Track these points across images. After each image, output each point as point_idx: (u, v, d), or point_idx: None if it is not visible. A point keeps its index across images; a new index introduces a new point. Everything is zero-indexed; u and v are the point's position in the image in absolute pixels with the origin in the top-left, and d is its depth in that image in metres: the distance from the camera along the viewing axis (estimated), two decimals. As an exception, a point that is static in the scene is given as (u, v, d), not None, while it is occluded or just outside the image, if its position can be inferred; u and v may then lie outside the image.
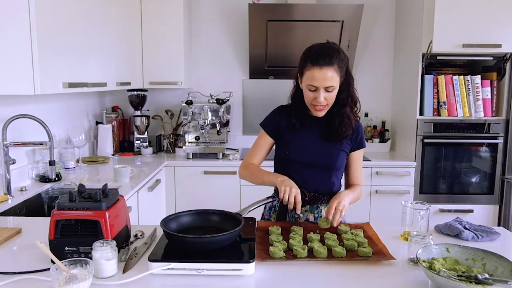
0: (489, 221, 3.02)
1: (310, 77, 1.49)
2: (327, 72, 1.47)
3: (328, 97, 1.52)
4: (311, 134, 1.64)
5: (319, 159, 1.62)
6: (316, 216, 1.66)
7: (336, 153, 1.63)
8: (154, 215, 2.73)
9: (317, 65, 1.47)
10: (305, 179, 1.63)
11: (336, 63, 1.48)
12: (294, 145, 1.64)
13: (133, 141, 3.30)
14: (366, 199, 3.03)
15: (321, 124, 1.64)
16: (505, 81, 2.93)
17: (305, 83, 1.52)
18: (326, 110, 1.57)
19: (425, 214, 1.38)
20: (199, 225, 1.38)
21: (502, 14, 2.74)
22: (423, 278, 1.16)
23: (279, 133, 1.68)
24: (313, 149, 1.63)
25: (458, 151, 3.00)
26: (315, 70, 1.47)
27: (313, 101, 1.53)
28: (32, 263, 1.23)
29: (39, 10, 1.73)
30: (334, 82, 1.49)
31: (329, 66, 1.47)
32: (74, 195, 1.24)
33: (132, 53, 2.99)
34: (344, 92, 1.57)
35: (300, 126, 1.63)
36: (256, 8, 3.10)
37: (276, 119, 1.68)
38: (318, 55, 1.49)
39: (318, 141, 1.63)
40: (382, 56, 3.51)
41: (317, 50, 1.51)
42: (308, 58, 1.50)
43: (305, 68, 1.51)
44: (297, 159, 1.63)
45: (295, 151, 1.63)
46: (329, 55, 1.48)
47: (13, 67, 1.72)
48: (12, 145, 2.02)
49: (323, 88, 1.49)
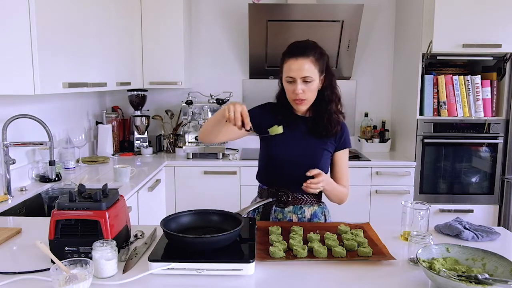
0: (489, 221, 3.02)
1: (287, 69, 1.54)
2: (303, 63, 1.51)
3: (306, 89, 1.54)
4: (296, 133, 1.64)
5: (303, 158, 1.62)
6: (300, 217, 1.65)
7: (320, 152, 1.64)
8: (154, 215, 2.73)
9: (293, 56, 1.53)
10: (289, 179, 1.63)
11: (312, 55, 1.53)
12: (279, 142, 1.64)
13: (133, 141, 3.30)
14: (366, 199, 3.03)
15: (306, 123, 1.65)
16: (505, 81, 2.93)
17: (284, 76, 1.57)
18: (307, 105, 1.59)
19: (425, 214, 1.38)
20: (199, 225, 1.38)
21: (502, 14, 2.74)
22: (423, 278, 1.16)
23: (260, 126, 1.63)
24: (297, 148, 1.63)
25: (458, 151, 3.00)
26: (291, 61, 1.53)
27: (292, 94, 1.55)
28: (32, 263, 1.23)
29: (39, 10, 1.73)
30: (311, 73, 1.52)
31: (305, 57, 1.52)
32: (74, 195, 1.24)
33: (132, 53, 2.99)
34: (327, 89, 1.61)
35: (286, 125, 1.62)
36: (256, 8, 3.10)
37: (260, 112, 1.68)
38: (294, 48, 1.56)
39: (302, 140, 1.64)
40: (382, 56, 3.51)
41: (293, 44, 1.58)
42: (285, 53, 1.57)
43: (283, 62, 1.57)
44: (281, 157, 1.63)
45: (279, 150, 1.64)
46: (305, 47, 1.54)
47: (13, 67, 1.72)
48: (12, 145, 2.02)
49: (300, 78, 1.52)
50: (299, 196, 1.65)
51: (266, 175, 1.71)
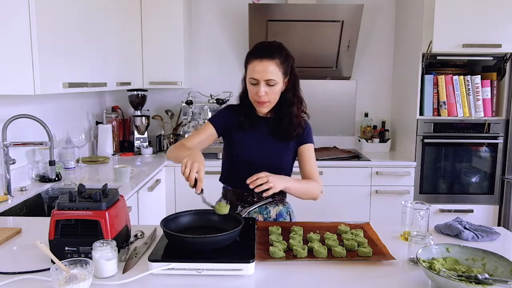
0: (489, 221, 3.02)
1: (252, 70, 1.52)
2: (267, 65, 1.49)
3: (270, 91, 1.53)
4: (259, 134, 1.64)
5: (266, 159, 1.61)
6: (265, 217, 1.65)
7: (283, 153, 1.63)
8: (154, 215, 2.73)
9: (257, 58, 1.51)
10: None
11: (277, 58, 1.51)
12: (242, 144, 1.64)
13: (133, 141, 3.30)
14: (366, 199, 3.03)
15: (269, 124, 1.64)
16: (505, 81, 2.92)
17: (248, 78, 1.55)
18: (269, 107, 1.59)
19: (425, 214, 1.38)
20: (199, 225, 1.38)
21: (502, 14, 2.74)
22: (423, 278, 1.16)
23: (226, 130, 1.67)
24: (260, 149, 1.62)
25: (458, 151, 3.00)
26: (256, 63, 1.51)
27: (255, 96, 1.54)
28: (32, 263, 1.23)
29: (39, 10, 1.73)
30: (275, 76, 1.51)
31: (270, 60, 1.50)
32: (74, 195, 1.24)
33: (132, 53, 2.99)
34: (290, 91, 1.60)
35: (248, 126, 1.63)
36: (256, 8, 3.10)
37: (224, 116, 1.69)
38: (259, 49, 1.54)
39: (265, 141, 1.63)
40: (382, 56, 3.51)
41: (259, 45, 1.57)
42: (250, 53, 1.56)
43: (248, 63, 1.55)
44: (244, 158, 1.62)
45: (242, 151, 1.63)
46: (270, 49, 1.52)
47: (13, 67, 1.72)
48: (12, 145, 2.02)
49: (263, 80, 1.50)
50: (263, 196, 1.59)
51: (230, 176, 1.69)
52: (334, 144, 3.51)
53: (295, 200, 1.65)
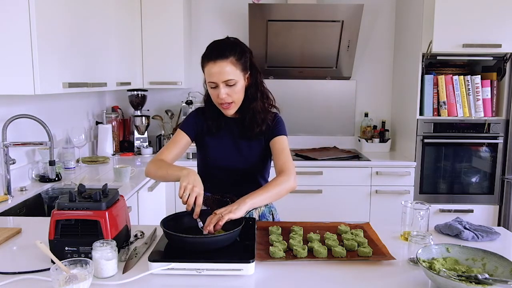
0: (489, 221, 3.02)
1: (208, 74, 1.45)
2: (222, 66, 1.42)
3: (231, 92, 1.46)
4: (229, 136, 1.59)
5: (240, 162, 1.57)
6: None
7: (256, 153, 1.58)
8: (154, 215, 2.73)
9: (211, 59, 1.44)
10: (229, 184, 1.58)
11: (231, 55, 1.44)
12: (213, 149, 1.59)
13: (133, 141, 3.30)
14: (366, 199, 3.03)
15: (237, 124, 1.58)
16: (505, 81, 2.92)
17: (207, 82, 1.49)
18: (234, 108, 1.52)
19: (425, 214, 1.38)
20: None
21: (502, 14, 2.74)
22: (423, 278, 1.16)
23: (197, 134, 1.61)
24: (232, 152, 1.57)
25: (458, 151, 3.00)
26: (210, 66, 1.44)
27: (217, 99, 1.48)
28: (32, 263, 1.23)
29: (39, 10, 1.73)
30: (232, 75, 1.44)
31: (223, 59, 1.42)
32: (74, 195, 1.24)
33: (132, 53, 2.99)
34: (252, 86, 1.53)
35: (216, 129, 1.57)
36: (256, 8, 3.09)
37: (194, 120, 1.62)
38: (211, 50, 1.46)
39: (235, 143, 1.58)
40: (382, 56, 3.51)
41: (211, 46, 1.49)
42: (204, 56, 1.48)
43: (203, 66, 1.48)
44: (218, 164, 1.57)
45: (214, 156, 1.58)
46: (222, 48, 1.45)
47: (13, 67, 1.72)
48: (12, 145, 2.02)
49: (221, 82, 1.44)
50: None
51: (207, 182, 1.46)
52: (334, 144, 3.51)
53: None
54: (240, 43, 1.52)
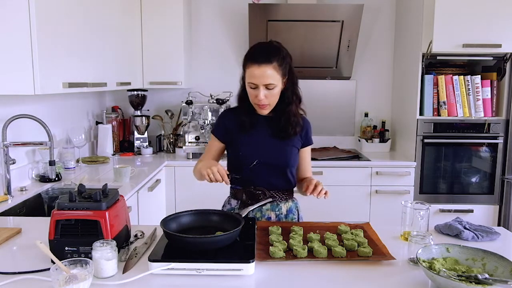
0: (489, 221, 3.02)
1: (250, 75, 1.52)
2: (265, 70, 1.49)
3: (269, 95, 1.54)
4: (262, 133, 1.65)
5: (272, 158, 1.62)
6: (277, 214, 1.67)
7: (288, 150, 1.65)
8: (154, 215, 2.73)
9: (255, 62, 1.50)
10: (261, 178, 1.64)
11: (275, 61, 1.51)
12: (246, 145, 1.64)
13: (133, 141, 3.30)
14: (366, 199, 3.03)
15: (270, 123, 1.65)
16: (505, 81, 2.92)
17: (247, 81, 1.56)
18: (269, 109, 1.60)
19: (425, 214, 1.38)
20: (199, 225, 1.38)
21: (502, 14, 2.74)
22: (423, 278, 1.16)
23: (229, 136, 1.68)
24: (264, 148, 1.63)
25: (458, 151, 3.00)
26: (254, 68, 1.50)
27: (255, 99, 1.55)
28: (32, 263, 1.23)
29: (39, 10, 1.73)
30: (273, 79, 1.51)
31: (268, 64, 1.50)
32: (74, 195, 1.24)
33: (132, 53, 2.99)
34: (288, 90, 1.61)
35: (250, 126, 1.64)
36: (256, 8, 3.10)
37: (224, 123, 1.70)
38: (257, 53, 1.54)
39: (269, 140, 1.64)
40: (382, 56, 3.51)
41: (256, 48, 1.57)
42: (248, 57, 1.55)
43: (246, 66, 1.55)
44: (250, 159, 1.62)
45: (247, 152, 1.63)
46: (267, 53, 1.52)
47: (13, 67, 1.72)
48: (12, 145, 2.02)
49: (262, 85, 1.51)
50: (274, 193, 1.66)
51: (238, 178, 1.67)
52: (334, 144, 3.51)
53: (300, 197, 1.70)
54: (283, 48, 1.58)
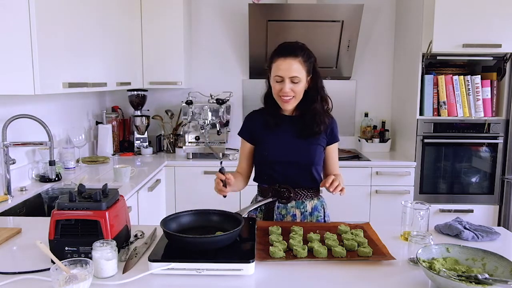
0: (489, 221, 3.01)
1: (276, 68, 1.59)
2: (291, 63, 1.56)
3: (294, 89, 1.59)
4: (287, 132, 1.68)
5: (298, 157, 1.66)
6: (302, 211, 1.69)
7: (313, 148, 1.67)
8: (154, 215, 2.73)
9: (282, 56, 1.58)
10: (286, 176, 1.67)
11: (300, 56, 1.58)
12: (271, 145, 1.68)
13: (133, 141, 3.30)
14: (366, 199, 3.03)
15: (294, 122, 1.69)
16: (505, 81, 2.92)
17: (272, 75, 1.61)
18: (293, 104, 1.63)
19: (425, 214, 1.38)
20: (199, 225, 1.38)
21: (502, 14, 2.74)
22: (423, 278, 1.16)
23: (255, 137, 1.72)
24: (290, 147, 1.66)
25: (458, 151, 3.00)
26: (280, 61, 1.58)
27: (280, 92, 1.60)
28: (32, 263, 1.23)
29: (39, 10, 1.73)
30: (299, 73, 1.57)
31: (294, 58, 1.56)
32: (74, 195, 1.24)
33: (132, 53, 2.99)
34: (313, 89, 1.65)
35: (274, 125, 1.68)
36: (256, 8, 3.09)
37: (249, 125, 1.75)
38: (283, 48, 1.61)
39: (294, 139, 1.67)
40: (382, 56, 3.51)
41: (282, 45, 1.64)
42: (274, 53, 1.62)
43: (272, 62, 1.62)
44: (276, 158, 1.67)
45: (273, 151, 1.67)
46: (293, 48, 1.59)
47: (13, 67, 1.72)
48: (12, 145, 2.02)
49: (288, 78, 1.56)
50: (299, 191, 1.68)
51: (264, 176, 1.73)
52: (334, 144, 3.51)
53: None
54: (307, 48, 1.64)
